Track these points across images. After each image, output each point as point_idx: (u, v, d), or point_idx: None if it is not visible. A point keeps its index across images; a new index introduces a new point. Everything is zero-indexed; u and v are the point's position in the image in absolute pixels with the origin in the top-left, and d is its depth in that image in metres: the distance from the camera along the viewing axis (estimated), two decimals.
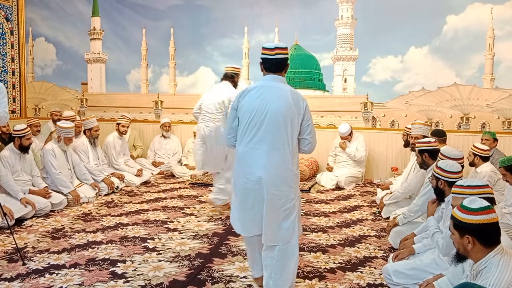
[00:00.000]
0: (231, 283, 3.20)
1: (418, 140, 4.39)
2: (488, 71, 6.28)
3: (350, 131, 6.49)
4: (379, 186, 5.92)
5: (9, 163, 4.83)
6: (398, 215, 4.12)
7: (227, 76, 4.87)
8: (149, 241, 4.07)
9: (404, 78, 6.70)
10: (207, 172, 6.48)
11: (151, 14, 7.82)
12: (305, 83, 7.28)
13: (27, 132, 4.94)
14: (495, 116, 6.29)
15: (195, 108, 5.01)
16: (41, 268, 3.44)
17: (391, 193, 4.95)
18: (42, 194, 4.95)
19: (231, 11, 7.36)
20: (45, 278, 3.27)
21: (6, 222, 4.01)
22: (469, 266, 2.24)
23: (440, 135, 5.26)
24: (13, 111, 8.11)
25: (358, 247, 3.94)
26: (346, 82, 7.05)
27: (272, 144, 2.73)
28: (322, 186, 6.37)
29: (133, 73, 8.08)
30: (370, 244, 4.04)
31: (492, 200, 2.44)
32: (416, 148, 4.16)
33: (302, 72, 7.26)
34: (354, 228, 4.50)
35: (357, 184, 6.50)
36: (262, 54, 2.85)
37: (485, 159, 4.55)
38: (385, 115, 6.86)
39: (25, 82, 8.37)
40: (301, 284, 3.20)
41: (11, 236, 3.80)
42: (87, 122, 6.05)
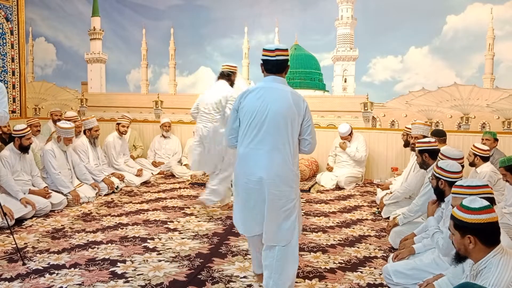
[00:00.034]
0: (231, 283, 3.20)
1: (418, 140, 4.39)
2: (488, 71, 6.28)
3: (350, 131, 6.49)
4: (379, 186, 5.92)
5: (9, 163, 4.83)
6: (398, 215, 4.11)
7: (224, 74, 4.86)
8: (149, 241, 4.07)
9: (404, 78, 6.70)
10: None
11: (151, 14, 7.83)
12: (305, 83, 7.28)
13: (27, 132, 4.95)
14: (495, 116, 6.29)
15: (193, 108, 5.01)
16: (41, 268, 3.44)
17: (391, 193, 4.95)
18: (42, 194, 4.95)
19: (231, 11, 7.36)
20: (45, 278, 3.27)
21: (6, 222, 4.01)
22: (469, 266, 2.24)
23: (440, 135, 5.25)
24: (13, 111, 8.11)
25: (358, 247, 3.94)
26: (346, 82, 7.05)
27: (273, 144, 2.75)
28: (322, 186, 6.37)
29: (133, 73, 8.08)
30: (370, 244, 4.04)
31: (492, 200, 2.44)
32: (416, 148, 4.16)
33: (302, 72, 7.26)
34: (354, 228, 4.50)
35: (357, 184, 6.50)
36: (263, 55, 2.87)
37: (485, 159, 4.55)
38: (385, 115, 6.86)
39: (25, 82, 8.37)
40: (301, 284, 3.20)
41: (11, 236, 3.80)
42: (87, 122, 6.05)
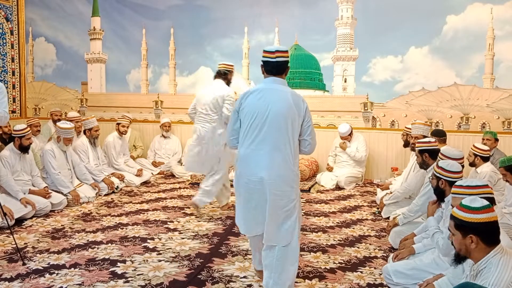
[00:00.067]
0: (231, 283, 3.20)
1: (418, 140, 4.39)
2: (488, 71, 6.28)
3: (350, 131, 6.49)
4: (379, 186, 5.92)
5: (9, 163, 4.83)
6: (398, 215, 4.11)
7: (220, 73, 4.85)
8: (149, 241, 4.06)
9: (404, 78, 6.70)
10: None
11: (151, 14, 7.83)
12: (305, 83, 7.28)
13: (27, 132, 4.94)
14: (495, 116, 6.29)
15: (190, 108, 4.96)
16: (41, 268, 3.44)
17: (391, 193, 4.95)
18: (42, 194, 4.95)
19: (231, 11, 7.36)
20: (45, 278, 3.27)
21: (6, 222, 4.01)
22: (469, 266, 2.24)
23: (440, 135, 5.25)
24: (13, 111, 8.11)
25: (358, 247, 3.94)
26: (346, 82, 7.05)
27: (274, 144, 2.76)
28: (322, 186, 6.37)
29: (133, 73, 8.08)
30: (370, 244, 4.04)
31: (492, 200, 2.44)
32: (416, 148, 4.16)
33: (302, 72, 7.26)
34: (354, 228, 4.50)
35: (357, 184, 6.50)
36: (263, 57, 2.88)
37: (485, 159, 4.55)
38: (385, 115, 6.86)
39: (25, 82, 8.37)
40: (301, 284, 3.20)
41: (11, 236, 3.80)
42: (87, 122, 6.05)
